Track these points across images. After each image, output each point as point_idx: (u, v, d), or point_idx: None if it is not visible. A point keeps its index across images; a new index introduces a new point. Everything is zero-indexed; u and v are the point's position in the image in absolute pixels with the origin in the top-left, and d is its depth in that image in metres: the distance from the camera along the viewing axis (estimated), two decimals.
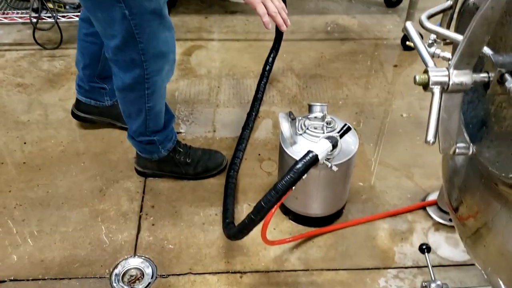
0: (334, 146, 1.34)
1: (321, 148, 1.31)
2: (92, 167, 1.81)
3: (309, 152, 1.28)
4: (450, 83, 0.79)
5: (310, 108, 1.51)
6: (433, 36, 1.14)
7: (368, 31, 2.55)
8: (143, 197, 1.71)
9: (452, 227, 1.55)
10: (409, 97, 2.13)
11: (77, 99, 1.88)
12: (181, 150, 1.73)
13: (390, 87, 2.21)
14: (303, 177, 1.29)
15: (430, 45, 1.16)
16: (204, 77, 2.28)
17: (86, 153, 1.87)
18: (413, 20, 2.38)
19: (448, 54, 1.11)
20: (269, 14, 1.27)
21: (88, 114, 1.90)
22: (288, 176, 1.25)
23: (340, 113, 2.06)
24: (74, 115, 1.92)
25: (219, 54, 2.43)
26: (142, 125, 1.58)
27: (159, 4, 1.31)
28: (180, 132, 1.95)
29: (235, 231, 1.36)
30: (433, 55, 1.14)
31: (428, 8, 2.79)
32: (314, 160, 1.27)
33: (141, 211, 1.66)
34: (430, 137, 0.78)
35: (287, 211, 1.62)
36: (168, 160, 1.71)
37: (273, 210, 1.27)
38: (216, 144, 1.92)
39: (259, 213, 1.26)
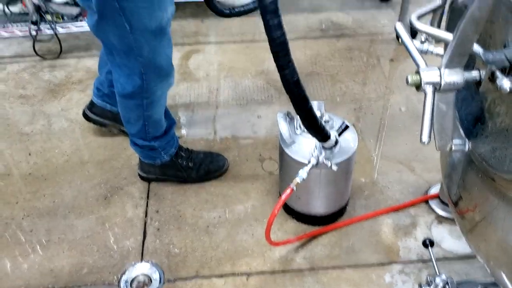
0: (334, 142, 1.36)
1: None
2: (96, 174, 1.83)
3: None
4: (442, 82, 0.81)
5: None
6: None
7: (362, 27, 2.56)
8: (147, 202, 1.73)
9: None
10: (407, 91, 2.14)
11: (91, 102, 1.88)
12: (183, 154, 1.75)
13: (387, 81, 2.23)
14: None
15: (423, 42, 1.18)
16: (203, 80, 2.30)
17: (90, 161, 1.89)
18: (407, 14, 2.40)
19: (441, 50, 1.13)
20: None
21: (101, 117, 1.89)
22: None
23: (338, 110, 2.08)
24: (85, 116, 1.91)
25: (216, 57, 2.44)
26: (141, 130, 1.61)
27: (160, 23, 1.32)
28: (182, 137, 1.97)
29: None
30: (426, 52, 1.15)
31: (421, 2, 2.79)
32: None
33: (146, 216, 1.68)
34: (425, 138, 0.80)
35: (290, 211, 1.64)
36: (171, 164, 1.74)
37: (276, 211, 1.29)
38: (217, 146, 1.94)
39: None
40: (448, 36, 0.88)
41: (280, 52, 0.93)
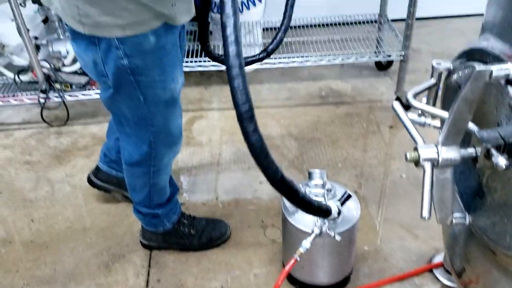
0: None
1: None
2: (98, 242, 1.83)
3: None
4: (440, 159, 0.84)
5: (310, 175, 1.55)
6: None
7: (361, 94, 2.64)
8: (148, 270, 1.72)
9: None
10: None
11: (97, 167, 1.91)
12: (186, 221, 1.76)
13: (387, 148, 2.27)
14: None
15: (420, 115, 1.22)
16: (206, 145, 2.35)
17: (92, 228, 1.89)
18: (404, 83, 2.49)
19: (437, 123, 1.17)
20: None
21: (106, 183, 1.91)
22: None
23: (340, 176, 2.10)
24: (90, 182, 1.92)
25: (219, 123, 2.50)
26: (146, 198, 1.62)
27: (173, 93, 1.36)
28: (184, 203, 1.98)
29: None
30: (423, 125, 1.19)
31: (418, 70, 2.88)
32: None
33: (147, 285, 1.66)
34: (426, 213, 0.82)
35: (293, 281, 1.62)
36: (173, 232, 1.74)
37: (279, 282, 1.28)
38: (219, 212, 1.95)
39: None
40: (444, 113, 0.92)
41: (260, 156, 0.97)
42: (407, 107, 1.02)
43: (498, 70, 0.74)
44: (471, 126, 0.87)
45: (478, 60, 0.86)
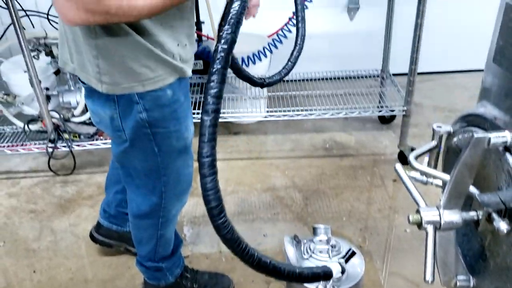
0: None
1: None
2: None
3: None
4: (442, 222, 0.85)
5: (314, 231, 1.55)
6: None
7: (365, 147, 2.67)
8: None
9: None
10: (411, 211, 2.17)
11: (98, 223, 1.91)
12: (188, 275, 1.74)
13: (391, 202, 2.27)
14: None
15: (422, 174, 1.24)
16: None
17: (94, 280, 1.87)
18: (407, 136, 2.51)
19: (440, 181, 1.18)
20: None
21: (108, 238, 1.91)
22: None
23: (345, 230, 2.09)
24: (92, 238, 1.93)
25: (224, 173, 2.52)
26: (152, 251, 1.62)
27: (186, 143, 1.39)
28: (187, 256, 1.97)
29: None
30: (426, 183, 1.20)
31: (421, 124, 2.92)
32: None
33: None
34: (429, 276, 0.82)
35: None
36: (175, 286, 1.72)
37: None
38: (222, 265, 1.93)
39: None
40: (445, 176, 0.94)
41: (236, 250, 0.98)
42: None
43: (496, 137, 0.76)
44: (472, 189, 0.88)
45: (477, 125, 0.89)
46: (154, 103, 1.25)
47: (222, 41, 0.85)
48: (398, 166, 0.99)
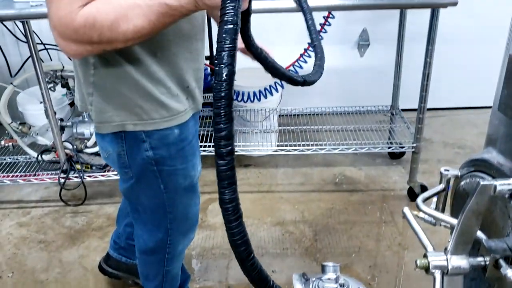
0: None
1: None
2: None
3: None
4: (449, 267, 0.85)
5: (323, 269, 1.53)
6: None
7: (374, 182, 2.67)
8: None
9: None
10: (420, 249, 2.14)
11: (108, 254, 1.91)
12: None
13: (401, 238, 2.25)
14: None
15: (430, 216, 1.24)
16: (219, 230, 2.35)
17: None
18: (417, 172, 2.51)
19: (447, 218, 1.18)
20: None
21: (117, 270, 1.91)
22: None
23: (354, 267, 2.07)
24: (101, 270, 1.93)
25: None
26: (158, 286, 1.61)
27: (192, 181, 1.39)
28: None
29: None
30: (434, 224, 1.20)
31: (430, 160, 2.90)
32: None
33: None
34: None
35: None
36: None
37: None
38: None
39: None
40: (452, 220, 0.94)
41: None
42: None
43: (501, 185, 0.76)
44: (480, 234, 0.88)
45: (483, 171, 0.89)
46: (161, 141, 1.26)
47: (220, 77, 0.77)
48: (406, 209, 1.00)
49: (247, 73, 2.00)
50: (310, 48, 1.71)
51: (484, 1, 2.91)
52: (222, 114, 0.79)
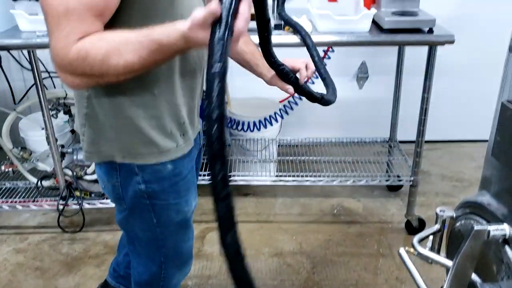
0: None
1: None
2: None
3: None
4: None
5: None
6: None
7: (372, 214, 2.67)
8: None
9: None
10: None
11: (106, 281, 1.89)
12: None
13: (398, 273, 2.24)
14: None
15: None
16: (216, 259, 2.35)
17: None
18: (415, 205, 2.51)
19: (443, 260, 1.18)
20: None
21: None
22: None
23: None
24: None
25: None
26: None
27: (185, 216, 1.39)
28: None
29: None
30: (431, 262, 1.21)
31: (428, 193, 2.91)
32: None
33: None
34: None
35: None
36: None
37: None
38: None
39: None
40: (447, 262, 0.95)
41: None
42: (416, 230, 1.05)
43: (494, 230, 0.78)
44: (475, 277, 0.89)
45: (478, 213, 0.91)
46: (153, 175, 1.26)
47: (211, 121, 0.76)
48: (402, 250, 1.01)
49: (248, 102, 2.04)
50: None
51: (481, 37, 2.97)
52: (216, 158, 0.76)
